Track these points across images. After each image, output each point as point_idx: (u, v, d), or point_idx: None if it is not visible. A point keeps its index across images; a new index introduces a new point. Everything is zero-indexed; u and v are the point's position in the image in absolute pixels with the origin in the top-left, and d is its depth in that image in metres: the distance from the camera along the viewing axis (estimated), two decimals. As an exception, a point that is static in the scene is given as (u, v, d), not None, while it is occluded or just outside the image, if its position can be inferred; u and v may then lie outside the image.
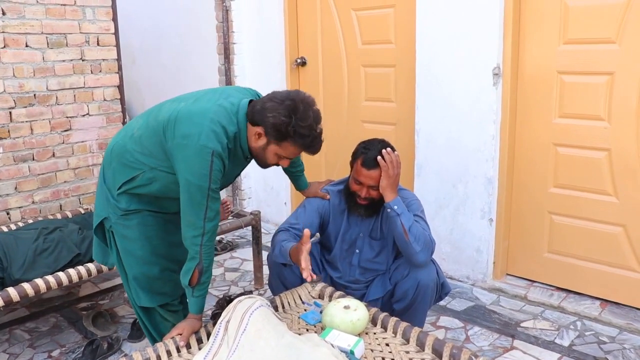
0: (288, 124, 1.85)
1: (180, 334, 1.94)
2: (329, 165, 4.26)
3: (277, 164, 2.04)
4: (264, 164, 2.05)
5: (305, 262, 2.02)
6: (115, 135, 2.22)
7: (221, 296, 3.25)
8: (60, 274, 2.61)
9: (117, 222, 2.15)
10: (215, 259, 3.95)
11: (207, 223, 1.93)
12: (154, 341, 2.32)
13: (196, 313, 2.02)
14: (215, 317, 2.04)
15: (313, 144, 1.93)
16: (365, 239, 2.50)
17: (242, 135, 1.97)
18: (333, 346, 1.80)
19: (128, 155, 2.08)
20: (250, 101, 2.00)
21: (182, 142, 1.89)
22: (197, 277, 1.96)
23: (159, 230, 2.17)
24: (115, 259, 2.26)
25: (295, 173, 2.56)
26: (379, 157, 2.30)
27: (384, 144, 2.37)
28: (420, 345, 1.88)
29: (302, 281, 2.43)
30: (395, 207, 2.28)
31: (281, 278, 2.46)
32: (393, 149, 2.36)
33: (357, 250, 2.51)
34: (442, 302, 3.14)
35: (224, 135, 1.91)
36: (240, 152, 2.02)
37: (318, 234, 2.62)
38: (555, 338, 2.81)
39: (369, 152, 2.34)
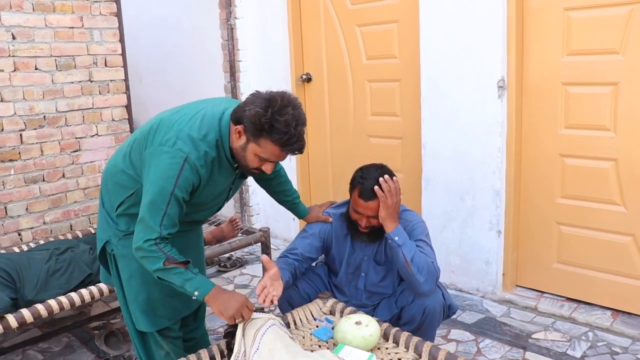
0: (263, 116, 1.77)
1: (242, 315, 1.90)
2: (335, 180, 4.28)
3: (260, 169, 1.94)
4: (245, 168, 1.96)
5: (259, 289, 2.00)
6: (110, 158, 2.20)
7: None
8: (73, 295, 2.63)
9: (118, 243, 2.12)
10: (225, 275, 3.97)
11: (163, 229, 1.84)
12: None
13: (212, 286, 1.91)
14: (227, 335, 2.04)
15: (290, 142, 1.81)
16: (370, 263, 2.47)
17: (224, 142, 1.92)
18: (346, 362, 1.81)
19: (120, 174, 2.05)
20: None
21: (158, 149, 1.86)
22: (178, 263, 1.86)
23: None
24: (115, 283, 2.22)
25: (291, 202, 2.50)
26: (376, 187, 2.24)
27: (382, 170, 2.31)
28: (433, 360, 1.89)
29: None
30: (396, 238, 2.23)
31: (289, 300, 2.45)
32: (391, 175, 2.30)
33: (363, 274, 2.48)
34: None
35: (203, 142, 1.87)
36: (225, 161, 1.95)
37: (323, 255, 2.62)
38: (567, 349, 2.81)
39: (365, 182, 2.28)
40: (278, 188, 2.44)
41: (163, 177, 1.83)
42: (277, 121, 1.77)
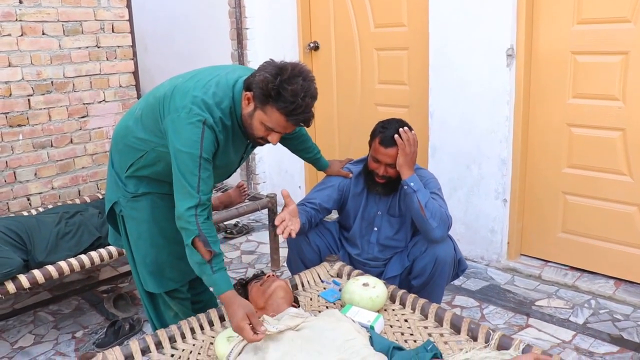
0: (271, 82, 1.76)
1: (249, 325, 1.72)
2: (342, 148, 4.29)
3: (265, 139, 1.93)
4: (251, 137, 1.95)
5: (278, 220, 2.03)
6: (120, 119, 2.20)
7: (238, 278, 3.30)
8: (83, 257, 2.67)
9: (126, 205, 2.14)
10: (232, 242, 4.01)
11: (201, 194, 1.83)
12: (155, 329, 2.31)
13: (228, 289, 1.82)
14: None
15: (295, 112, 1.79)
16: (384, 217, 2.54)
17: (237, 110, 1.92)
18: (354, 321, 1.84)
19: (131, 136, 2.06)
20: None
21: (175, 115, 1.85)
22: (205, 249, 1.81)
23: (168, 212, 2.09)
24: (124, 244, 2.26)
25: (312, 157, 2.56)
26: (396, 136, 2.34)
27: (401, 123, 2.42)
28: (439, 321, 1.92)
29: (321, 260, 2.48)
30: (412, 184, 2.33)
31: (300, 255, 2.51)
32: (410, 128, 2.40)
33: (376, 228, 2.55)
34: (457, 282, 3.18)
35: (217, 108, 1.86)
36: (238, 129, 1.96)
37: (337, 213, 2.67)
38: (570, 316, 2.85)
39: (386, 131, 2.39)
40: (300, 146, 2.50)
41: (188, 143, 1.82)
42: (284, 89, 1.76)
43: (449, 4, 3.28)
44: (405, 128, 2.37)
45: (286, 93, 1.76)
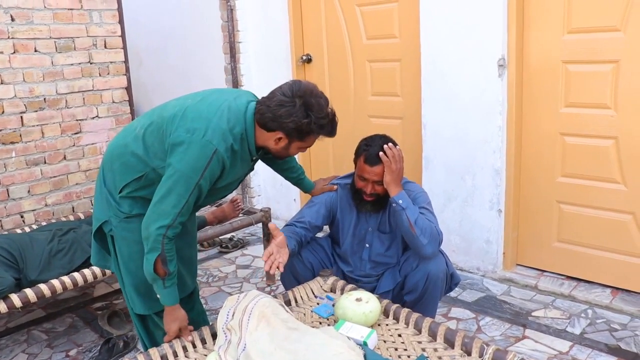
0: (310, 124, 1.88)
1: (178, 335, 2.00)
2: (336, 160, 4.28)
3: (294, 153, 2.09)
4: (284, 157, 2.13)
5: (265, 255, 2.08)
6: (115, 137, 2.18)
7: (233, 293, 3.29)
8: (76, 275, 2.65)
9: (118, 225, 2.10)
10: (227, 256, 3.99)
11: (179, 217, 1.89)
12: (146, 349, 2.27)
13: (173, 304, 2.00)
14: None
15: (333, 128, 1.98)
16: (375, 233, 2.52)
17: (249, 134, 1.96)
18: (349, 338, 1.82)
19: (130, 155, 2.03)
20: (257, 103, 1.98)
21: (186, 136, 1.86)
22: (162, 268, 1.91)
23: None
24: (113, 264, 2.23)
25: (296, 178, 2.57)
26: (380, 153, 2.31)
27: (385, 139, 2.39)
28: (432, 335, 1.90)
29: (314, 275, 2.46)
30: (400, 202, 2.29)
31: (293, 272, 2.49)
32: (395, 144, 2.37)
33: (367, 245, 2.53)
34: (452, 294, 3.16)
35: (230, 135, 1.89)
36: (247, 154, 2.00)
37: (328, 228, 2.65)
38: (567, 326, 2.83)
39: (370, 149, 2.36)
40: (284, 166, 2.50)
41: (191, 167, 1.85)
42: (321, 120, 1.90)
43: (439, 15, 3.29)
44: (390, 144, 2.33)
45: (324, 121, 1.92)
